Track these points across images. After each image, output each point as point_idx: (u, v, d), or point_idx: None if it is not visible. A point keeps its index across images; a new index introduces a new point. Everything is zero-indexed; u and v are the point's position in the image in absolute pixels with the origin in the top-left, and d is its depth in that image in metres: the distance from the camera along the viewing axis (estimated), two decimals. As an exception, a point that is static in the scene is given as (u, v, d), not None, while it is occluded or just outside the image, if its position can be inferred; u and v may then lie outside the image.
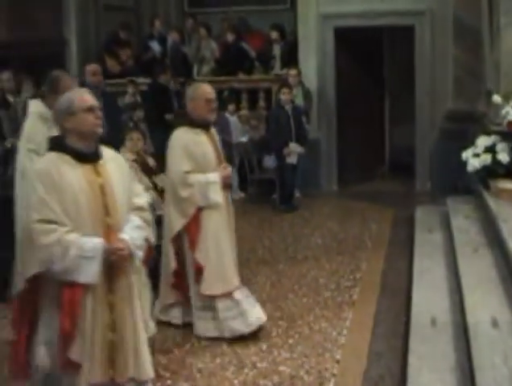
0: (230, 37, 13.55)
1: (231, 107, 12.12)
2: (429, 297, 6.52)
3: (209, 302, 6.16)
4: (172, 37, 13.97)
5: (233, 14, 14.62)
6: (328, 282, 7.76)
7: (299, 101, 11.84)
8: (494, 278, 6.38)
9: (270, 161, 11.76)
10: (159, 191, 7.64)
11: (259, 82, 13.09)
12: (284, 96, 11.14)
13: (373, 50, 13.84)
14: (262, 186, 11.93)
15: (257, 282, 7.77)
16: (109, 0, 14.50)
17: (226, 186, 6.39)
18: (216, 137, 6.54)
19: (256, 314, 6.22)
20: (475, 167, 8.84)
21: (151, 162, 8.06)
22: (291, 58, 12.74)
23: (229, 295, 6.15)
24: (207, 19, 14.46)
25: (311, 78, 12.47)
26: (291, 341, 6.19)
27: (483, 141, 8.97)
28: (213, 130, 6.54)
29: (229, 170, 6.43)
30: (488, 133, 9.12)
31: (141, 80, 12.72)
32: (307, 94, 12.07)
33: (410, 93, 12.60)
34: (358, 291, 7.48)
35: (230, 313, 6.13)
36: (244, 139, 12.01)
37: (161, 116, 11.36)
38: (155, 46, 13.98)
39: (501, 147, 8.76)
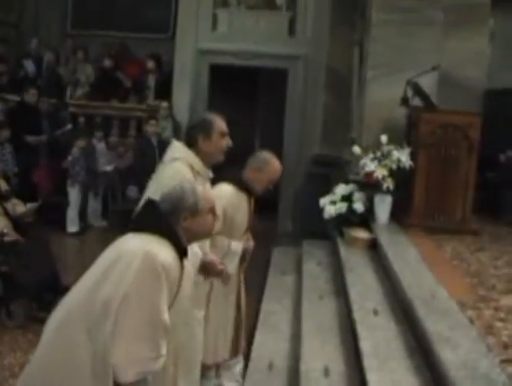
0: (107, 63, 13.49)
1: (98, 134, 12.03)
2: (270, 342, 6.62)
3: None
4: (48, 57, 13.78)
5: (114, 39, 14.52)
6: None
7: (169, 133, 11.90)
8: (334, 327, 6.51)
9: (133, 191, 11.71)
10: (10, 217, 7.48)
11: (132, 111, 13.06)
12: (150, 127, 11.15)
13: (248, 89, 14.06)
14: (124, 216, 11.82)
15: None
16: (-10, 13, 14.21)
17: (244, 258, 5.84)
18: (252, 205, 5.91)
19: None
20: (330, 214, 9.05)
21: (4, 186, 7.88)
22: (165, 89, 12.80)
23: (215, 366, 5.86)
24: (87, 42, 14.35)
25: (183, 111, 12.56)
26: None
27: (341, 190, 9.21)
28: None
29: (252, 243, 5.91)
30: (347, 182, 9.37)
31: (10, 97, 12.47)
32: (176, 127, 12.14)
33: (280, 133, 12.83)
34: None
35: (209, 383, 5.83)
36: (109, 168, 11.89)
37: (24, 136, 11.16)
38: (30, 65, 13.76)
39: (357, 197, 9.01)
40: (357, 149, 8.98)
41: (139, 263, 3.49)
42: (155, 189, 4.36)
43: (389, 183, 8.54)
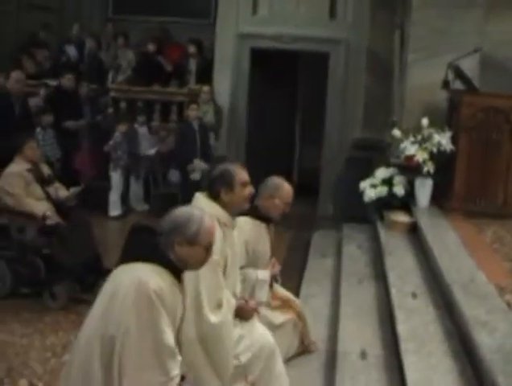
0: (151, 47, 13.54)
1: (141, 118, 12.08)
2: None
3: None
4: (90, 42, 13.89)
5: (155, 24, 14.60)
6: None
7: (210, 118, 11.95)
8: (372, 310, 6.54)
9: (175, 175, 11.80)
10: (53, 201, 7.59)
11: (173, 95, 13.10)
12: (191, 112, 11.21)
13: (288, 73, 14.06)
14: (166, 200, 11.92)
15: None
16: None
17: (272, 284, 5.87)
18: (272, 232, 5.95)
19: None
20: (371, 198, 9.04)
21: (46, 171, 7.99)
22: (206, 74, 12.83)
23: None
24: (129, 27, 14.45)
25: (224, 96, 12.58)
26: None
27: (381, 173, 9.18)
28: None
29: (278, 268, 5.95)
30: (387, 165, 9.34)
31: (50, 82, 12.59)
32: (218, 111, 12.18)
33: (321, 118, 12.82)
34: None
35: None
36: (151, 152, 11.98)
37: (64, 122, 11.30)
38: (72, 50, 13.90)
39: (398, 180, 8.99)
40: (397, 133, 8.94)
41: (133, 294, 3.61)
42: None
43: (429, 167, 8.49)
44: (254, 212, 5.62)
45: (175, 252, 3.77)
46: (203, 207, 4.40)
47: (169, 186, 11.98)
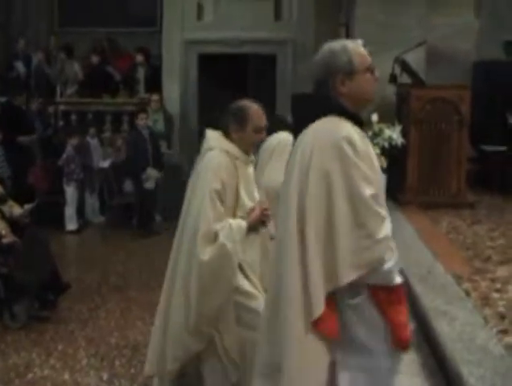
0: (95, 59, 13.49)
1: (92, 130, 12.01)
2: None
3: None
4: (37, 57, 13.78)
5: (102, 34, 14.52)
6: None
7: (161, 126, 11.92)
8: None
9: (130, 185, 11.74)
10: (7, 220, 7.50)
11: (123, 105, 13.05)
12: (141, 121, 11.18)
13: (237, 77, 14.03)
14: (121, 211, 11.86)
15: (106, 309, 7.71)
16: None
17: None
18: None
19: None
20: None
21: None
22: (155, 82, 12.81)
23: None
24: (76, 39, 14.35)
25: (174, 103, 12.59)
26: (133, 370, 6.17)
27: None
28: None
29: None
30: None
31: (3, 99, 12.46)
32: (168, 119, 12.15)
33: (273, 118, 12.82)
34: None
35: None
36: (105, 164, 11.90)
37: (15, 138, 11.19)
38: (20, 65, 13.76)
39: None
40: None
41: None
42: (193, 183, 4.51)
43: (382, 162, 8.54)
44: None
45: (342, 96, 3.24)
46: (214, 142, 4.44)
47: (124, 196, 11.90)
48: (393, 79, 9.02)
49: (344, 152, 3.04)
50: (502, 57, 10.91)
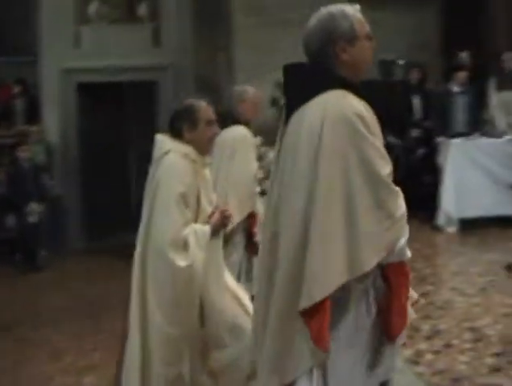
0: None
1: (-30, 166, 11.68)
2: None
3: None
4: None
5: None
6: (70, 346, 7.57)
7: (42, 158, 11.70)
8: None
9: (11, 219, 11.45)
10: None
11: (2, 138, 12.71)
12: (21, 153, 10.96)
13: (116, 105, 13.88)
14: (4, 247, 11.55)
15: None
16: None
17: None
18: None
19: None
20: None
21: None
22: (34, 112, 12.56)
23: None
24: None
25: (54, 133, 12.38)
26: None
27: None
28: None
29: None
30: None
31: None
32: (49, 150, 11.95)
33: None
34: (99, 354, 7.26)
35: None
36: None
37: None
38: None
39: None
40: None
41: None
42: (153, 190, 4.32)
43: (267, 186, 8.56)
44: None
45: (343, 63, 3.04)
46: (169, 145, 4.28)
47: (6, 231, 11.58)
48: (274, 102, 9.09)
49: (359, 132, 2.88)
50: (378, 77, 11.14)
